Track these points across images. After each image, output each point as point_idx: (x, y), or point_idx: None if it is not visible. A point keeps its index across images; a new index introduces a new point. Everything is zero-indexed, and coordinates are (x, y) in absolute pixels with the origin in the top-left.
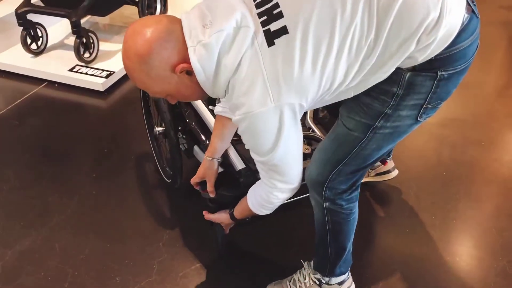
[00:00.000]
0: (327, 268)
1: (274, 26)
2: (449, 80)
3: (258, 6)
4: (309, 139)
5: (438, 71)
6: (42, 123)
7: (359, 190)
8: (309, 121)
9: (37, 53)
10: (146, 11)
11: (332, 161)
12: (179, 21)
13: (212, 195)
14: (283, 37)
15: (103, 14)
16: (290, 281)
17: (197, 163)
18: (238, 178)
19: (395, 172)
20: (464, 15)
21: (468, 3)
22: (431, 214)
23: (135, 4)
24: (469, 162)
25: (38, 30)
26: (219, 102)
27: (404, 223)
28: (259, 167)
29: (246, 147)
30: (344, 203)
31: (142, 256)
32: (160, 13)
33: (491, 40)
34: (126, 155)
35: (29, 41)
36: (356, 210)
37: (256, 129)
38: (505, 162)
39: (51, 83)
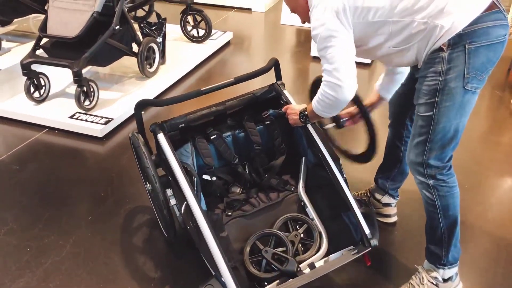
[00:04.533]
0: (442, 253)
1: None
2: (477, 52)
3: None
4: (296, 221)
5: (466, 45)
6: (41, 168)
7: (452, 168)
8: (301, 191)
9: (39, 101)
10: (145, 62)
11: (420, 142)
12: None
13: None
14: None
15: (103, 64)
16: (408, 287)
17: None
18: None
19: (394, 218)
20: (488, 3)
21: (494, 2)
22: (415, 255)
23: (135, 55)
24: None
25: (41, 79)
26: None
27: (390, 262)
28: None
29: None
30: (445, 178)
31: None
32: (159, 64)
33: None
34: (121, 198)
35: (32, 90)
36: (457, 184)
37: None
38: (488, 205)
39: (52, 130)
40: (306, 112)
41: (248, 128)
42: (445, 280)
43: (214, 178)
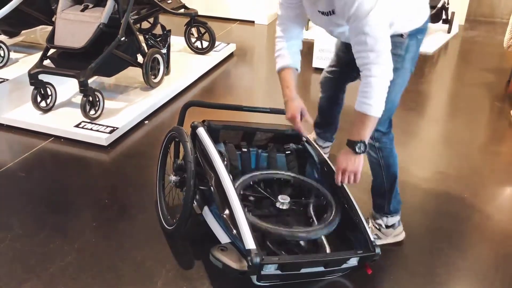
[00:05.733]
0: (385, 204)
1: None
2: (421, 43)
3: None
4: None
5: (418, 36)
6: (47, 175)
7: (392, 132)
8: (310, 209)
9: (46, 110)
10: (150, 73)
11: None
12: None
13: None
14: None
15: (109, 75)
16: None
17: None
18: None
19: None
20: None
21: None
22: (415, 262)
23: (140, 66)
24: (452, 213)
25: (48, 89)
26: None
27: (389, 271)
28: (355, 49)
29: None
30: (387, 141)
31: None
32: (163, 74)
33: (475, 100)
34: (125, 205)
35: (39, 99)
36: (394, 148)
37: None
38: (486, 214)
39: (58, 138)
40: (354, 139)
41: (270, 150)
42: (387, 227)
43: None
